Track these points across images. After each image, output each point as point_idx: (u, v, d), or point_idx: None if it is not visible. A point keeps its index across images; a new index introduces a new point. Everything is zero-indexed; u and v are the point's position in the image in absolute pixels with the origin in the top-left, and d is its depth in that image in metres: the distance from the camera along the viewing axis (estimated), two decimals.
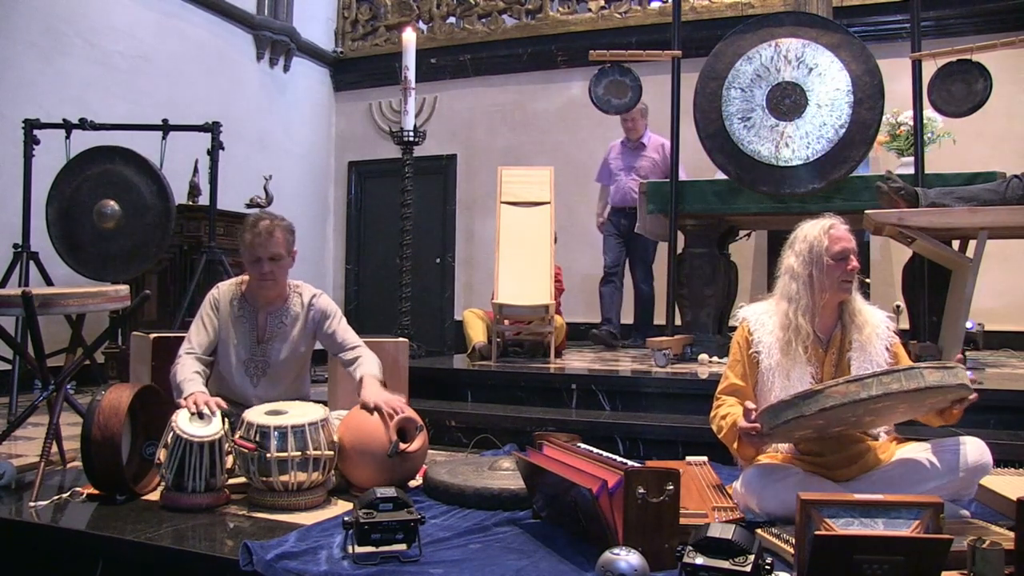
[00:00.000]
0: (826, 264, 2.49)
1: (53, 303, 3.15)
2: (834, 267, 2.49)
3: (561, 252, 5.68)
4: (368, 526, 2.12)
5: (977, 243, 3.85)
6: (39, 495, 2.70)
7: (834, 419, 2.25)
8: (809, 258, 2.52)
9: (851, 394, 2.14)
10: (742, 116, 4.65)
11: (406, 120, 4.87)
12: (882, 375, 2.15)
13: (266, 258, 3.05)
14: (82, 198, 4.95)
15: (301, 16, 8.26)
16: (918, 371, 2.16)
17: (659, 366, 4.51)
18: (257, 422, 2.68)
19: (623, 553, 1.92)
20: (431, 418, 3.63)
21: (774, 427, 2.27)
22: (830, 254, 2.50)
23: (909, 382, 2.13)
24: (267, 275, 3.07)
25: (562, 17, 7.98)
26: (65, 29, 5.98)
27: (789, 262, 2.59)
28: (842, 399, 2.14)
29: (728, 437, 2.49)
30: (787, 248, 2.63)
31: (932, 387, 2.15)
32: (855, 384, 2.15)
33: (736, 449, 2.49)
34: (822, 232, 2.53)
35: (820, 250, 2.51)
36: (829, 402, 2.15)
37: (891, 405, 2.23)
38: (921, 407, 2.37)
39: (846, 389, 2.15)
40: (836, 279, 2.50)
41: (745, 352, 2.61)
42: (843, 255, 2.50)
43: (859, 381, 2.15)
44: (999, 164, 4.93)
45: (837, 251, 2.50)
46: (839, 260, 2.50)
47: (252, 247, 3.05)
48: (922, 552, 1.82)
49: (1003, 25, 6.23)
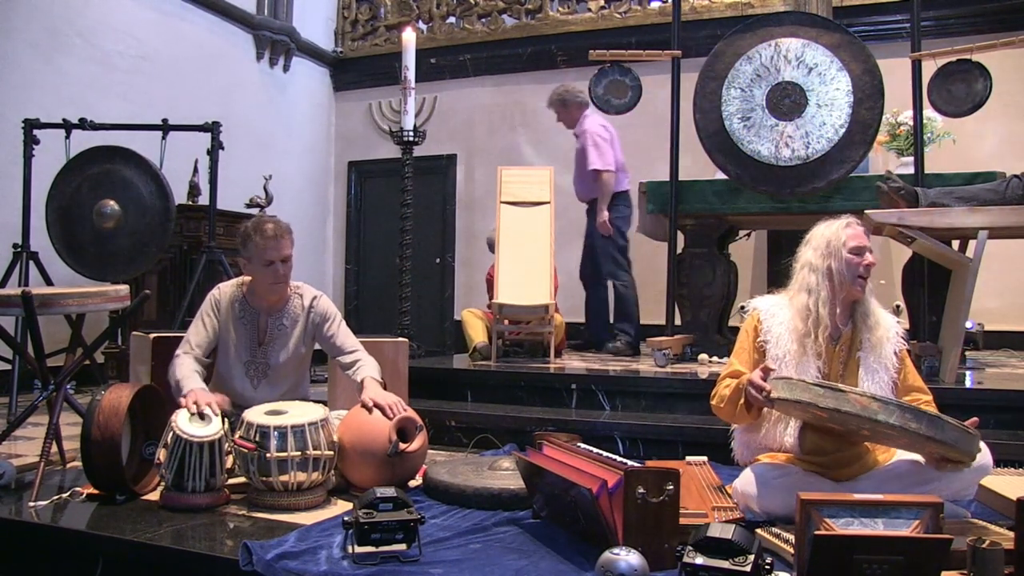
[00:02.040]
0: (844, 257, 2.53)
1: (53, 303, 3.15)
2: (852, 260, 2.53)
3: (561, 252, 5.68)
4: (368, 526, 2.12)
5: (977, 243, 3.85)
6: (39, 495, 2.70)
7: (839, 420, 2.25)
8: (827, 251, 2.56)
9: (869, 411, 2.14)
10: (742, 116, 4.65)
11: (406, 120, 4.87)
12: (907, 411, 2.16)
13: (279, 260, 3.06)
14: (82, 198, 4.95)
15: (301, 16, 8.26)
16: (941, 423, 2.15)
17: (659, 366, 4.51)
18: (257, 422, 2.68)
19: (623, 553, 1.92)
20: (431, 418, 3.63)
21: (781, 399, 2.28)
22: (848, 248, 2.54)
23: (928, 429, 2.13)
24: (281, 277, 3.09)
25: (562, 17, 7.98)
26: (65, 29, 5.98)
27: (807, 257, 2.62)
28: (859, 410, 2.15)
29: (730, 398, 2.51)
30: (803, 245, 2.67)
31: (945, 442, 2.16)
32: (878, 403, 2.16)
33: (735, 408, 2.49)
34: (840, 228, 2.59)
35: (838, 244, 2.55)
36: (845, 407, 2.15)
37: (895, 436, 2.24)
38: (920, 448, 2.37)
39: (868, 403, 2.16)
40: (853, 273, 2.53)
41: (752, 340, 2.63)
42: (860, 250, 2.55)
43: (883, 403, 2.16)
44: (999, 164, 4.94)
45: (855, 245, 2.55)
46: (856, 254, 2.54)
47: (264, 250, 3.04)
48: (922, 552, 1.82)
49: (1003, 25, 6.22)
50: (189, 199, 6.09)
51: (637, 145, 7.39)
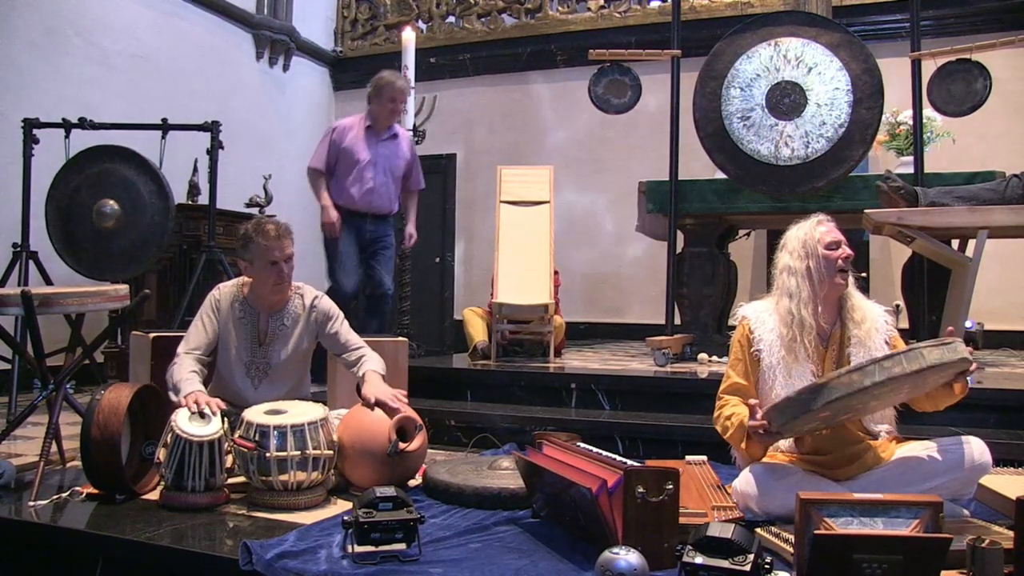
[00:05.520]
0: (821, 254, 2.54)
1: (52, 302, 3.15)
2: (829, 256, 2.53)
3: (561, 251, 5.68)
4: (368, 525, 2.12)
5: (976, 242, 3.85)
6: (38, 494, 2.70)
7: (840, 409, 2.25)
8: (804, 251, 2.57)
9: (855, 383, 2.15)
10: (742, 115, 4.65)
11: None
12: (883, 360, 2.17)
13: (283, 260, 3.07)
14: (81, 197, 4.94)
15: (300, 15, 8.25)
16: (918, 352, 2.17)
17: (659, 365, 4.51)
18: (257, 421, 2.68)
19: (622, 552, 1.92)
20: (431, 417, 3.63)
21: (783, 424, 2.28)
22: (823, 244, 2.55)
23: (910, 364, 2.14)
24: (285, 276, 3.09)
25: (562, 16, 7.98)
26: (64, 28, 5.98)
27: (785, 261, 2.63)
28: (847, 389, 2.15)
29: (735, 437, 2.50)
30: (780, 250, 2.67)
31: (933, 366, 2.17)
32: (857, 373, 2.16)
33: (744, 448, 2.49)
34: (812, 226, 2.61)
35: (813, 243, 2.56)
36: (834, 394, 2.16)
37: (895, 388, 2.24)
38: (924, 386, 2.37)
39: (849, 379, 2.16)
40: (832, 268, 2.53)
41: (746, 351, 2.62)
42: (835, 244, 2.55)
43: (861, 370, 2.16)
44: (998, 163, 4.93)
45: (829, 240, 2.55)
46: (832, 248, 2.54)
47: (267, 251, 3.05)
48: (921, 551, 1.82)
49: (1002, 24, 6.23)
50: (189, 198, 6.09)
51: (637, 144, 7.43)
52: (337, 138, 4.80)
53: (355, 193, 4.74)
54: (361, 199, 4.75)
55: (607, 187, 7.64)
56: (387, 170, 4.82)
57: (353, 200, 4.75)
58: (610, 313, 7.62)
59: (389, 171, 4.83)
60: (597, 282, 7.61)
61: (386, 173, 4.82)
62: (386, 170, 4.82)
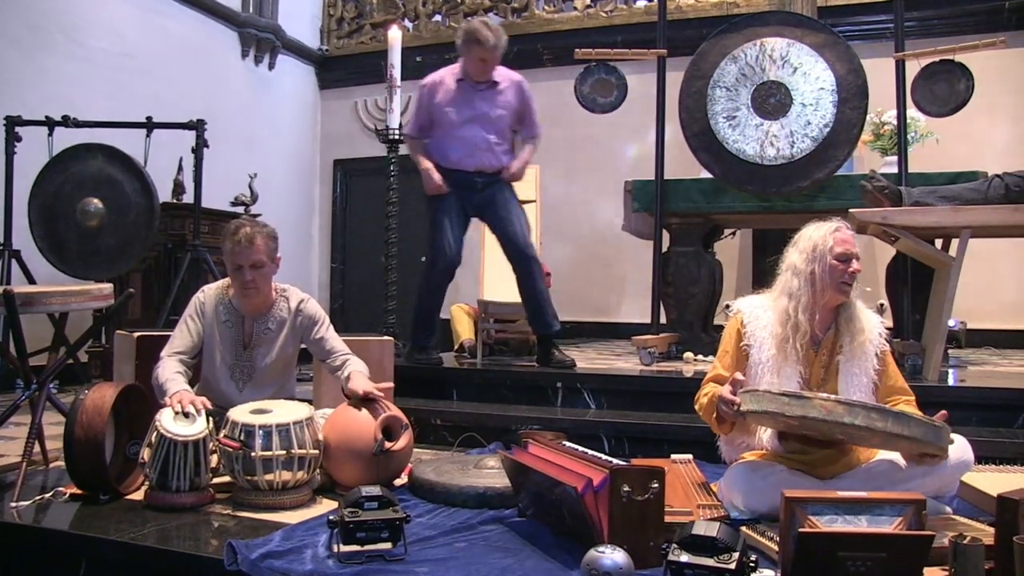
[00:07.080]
0: (828, 263, 2.52)
1: (35, 302, 3.13)
2: (836, 267, 2.51)
3: (547, 250, 5.68)
4: (353, 525, 2.12)
5: (960, 242, 3.88)
6: (21, 495, 2.68)
7: (810, 426, 2.26)
8: (812, 256, 2.54)
9: (835, 414, 2.14)
10: (727, 115, 4.67)
11: (391, 118, 4.86)
12: (872, 410, 2.16)
13: (247, 266, 3.00)
14: (65, 196, 4.91)
15: (286, 13, 8.22)
16: (907, 419, 2.17)
17: (645, 364, 4.52)
18: (242, 421, 2.67)
19: (608, 551, 1.92)
20: (416, 416, 3.62)
21: (751, 411, 2.29)
22: (833, 254, 2.52)
23: (894, 426, 2.14)
24: (249, 283, 3.02)
25: (548, 16, 7.99)
26: (47, 26, 5.93)
27: (792, 259, 2.61)
28: (826, 415, 2.15)
29: (707, 409, 2.53)
30: (791, 246, 2.65)
31: (914, 439, 2.17)
32: (843, 407, 2.16)
33: (714, 421, 2.52)
34: (827, 232, 2.57)
35: (824, 249, 2.53)
36: (812, 413, 2.16)
37: (867, 437, 2.24)
38: (894, 447, 2.38)
39: (832, 407, 2.15)
40: (836, 279, 2.52)
41: (736, 344, 2.63)
42: (846, 257, 2.52)
43: (848, 405, 2.16)
44: (981, 164, 4.97)
45: (840, 252, 2.52)
46: (842, 261, 2.52)
47: (233, 255, 3.01)
48: (905, 549, 1.84)
49: (985, 26, 6.28)
50: (174, 197, 6.05)
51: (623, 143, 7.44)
52: (427, 97, 4.38)
53: (452, 153, 4.32)
54: (460, 159, 4.31)
55: (593, 186, 7.64)
56: (488, 123, 4.32)
57: (451, 160, 4.31)
58: (596, 312, 7.61)
59: (491, 123, 4.33)
60: (583, 281, 7.61)
61: (486, 126, 4.32)
62: (486, 123, 4.32)
